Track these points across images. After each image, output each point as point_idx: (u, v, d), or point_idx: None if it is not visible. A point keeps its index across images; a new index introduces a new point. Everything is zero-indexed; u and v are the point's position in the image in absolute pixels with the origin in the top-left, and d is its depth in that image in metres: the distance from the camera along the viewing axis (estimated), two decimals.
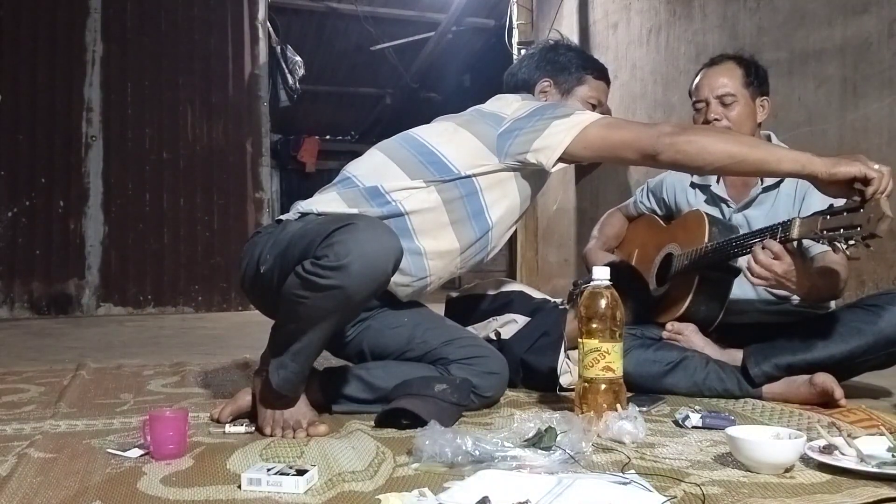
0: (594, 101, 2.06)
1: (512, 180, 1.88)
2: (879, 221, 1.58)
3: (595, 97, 2.07)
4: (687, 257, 2.12)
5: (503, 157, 1.84)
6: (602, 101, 2.08)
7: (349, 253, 1.48)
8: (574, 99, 2.05)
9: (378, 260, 1.52)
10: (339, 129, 10.22)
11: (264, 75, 6.01)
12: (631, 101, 4.88)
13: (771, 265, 1.78)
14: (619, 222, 2.55)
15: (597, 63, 2.13)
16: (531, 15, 6.07)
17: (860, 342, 1.89)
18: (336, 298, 1.51)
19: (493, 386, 1.87)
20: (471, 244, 1.90)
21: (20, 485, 1.27)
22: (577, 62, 2.08)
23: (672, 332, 2.10)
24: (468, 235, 1.88)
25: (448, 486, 1.21)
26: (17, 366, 2.85)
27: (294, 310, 1.56)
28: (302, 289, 1.52)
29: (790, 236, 1.79)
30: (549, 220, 5.88)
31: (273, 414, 1.65)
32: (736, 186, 2.20)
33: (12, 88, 5.34)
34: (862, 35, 3.18)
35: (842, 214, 1.66)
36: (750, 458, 1.31)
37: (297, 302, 1.54)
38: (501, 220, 1.91)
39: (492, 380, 1.87)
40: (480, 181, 1.85)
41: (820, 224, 1.70)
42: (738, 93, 2.11)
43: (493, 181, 1.86)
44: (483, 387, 1.84)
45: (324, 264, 1.49)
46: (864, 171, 1.56)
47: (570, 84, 2.06)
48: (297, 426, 1.62)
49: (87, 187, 5.49)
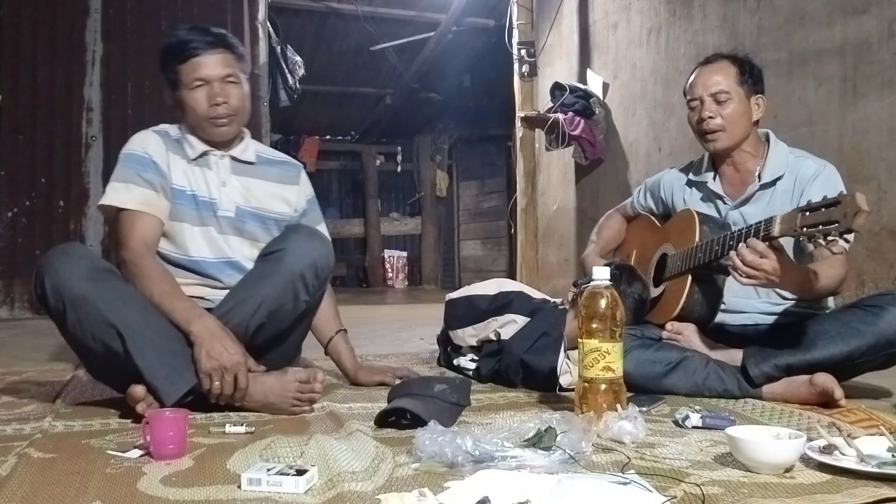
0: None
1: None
2: (856, 216, 1.59)
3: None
4: (679, 257, 2.13)
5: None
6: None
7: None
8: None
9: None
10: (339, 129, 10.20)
11: (264, 75, 6.00)
12: (631, 101, 4.88)
13: (759, 264, 1.78)
14: (617, 224, 2.55)
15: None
16: (531, 15, 6.07)
17: (860, 342, 1.89)
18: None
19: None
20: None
21: (20, 485, 1.27)
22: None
23: (672, 332, 2.10)
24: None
25: (448, 486, 1.21)
26: (17, 366, 2.84)
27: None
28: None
29: (772, 234, 1.79)
30: (549, 220, 5.88)
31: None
32: (733, 184, 2.20)
33: (12, 88, 5.33)
34: (862, 35, 3.18)
35: (820, 210, 1.67)
36: (750, 458, 1.31)
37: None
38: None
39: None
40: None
41: (799, 220, 1.71)
42: (733, 90, 2.11)
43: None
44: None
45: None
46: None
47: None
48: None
49: (87, 187, 5.49)
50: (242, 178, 2.10)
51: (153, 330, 1.79)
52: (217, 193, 2.05)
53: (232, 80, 2.02)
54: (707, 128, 2.12)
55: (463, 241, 9.69)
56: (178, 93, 2.02)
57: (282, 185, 2.17)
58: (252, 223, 2.09)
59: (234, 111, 2.02)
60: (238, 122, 2.06)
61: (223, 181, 2.07)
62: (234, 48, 2.05)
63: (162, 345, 1.78)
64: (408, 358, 2.91)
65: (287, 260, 1.95)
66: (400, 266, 10.12)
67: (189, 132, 2.07)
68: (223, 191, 2.06)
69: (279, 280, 1.93)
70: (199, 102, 2.00)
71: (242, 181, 2.10)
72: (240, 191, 2.09)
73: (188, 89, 2.00)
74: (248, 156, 2.13)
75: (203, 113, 2.00)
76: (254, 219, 2.09)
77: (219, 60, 2.00)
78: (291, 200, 2.19)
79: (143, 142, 2.03)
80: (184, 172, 2.04)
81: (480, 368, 2.35)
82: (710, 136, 2.13)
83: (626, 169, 4.94)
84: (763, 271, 1.78)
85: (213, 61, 2.00)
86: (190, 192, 2.03)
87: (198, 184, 2.05)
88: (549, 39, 5.83)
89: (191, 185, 2.04)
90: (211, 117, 2.01)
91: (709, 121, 2.11)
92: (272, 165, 2.19)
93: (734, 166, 2.19)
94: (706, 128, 2.13)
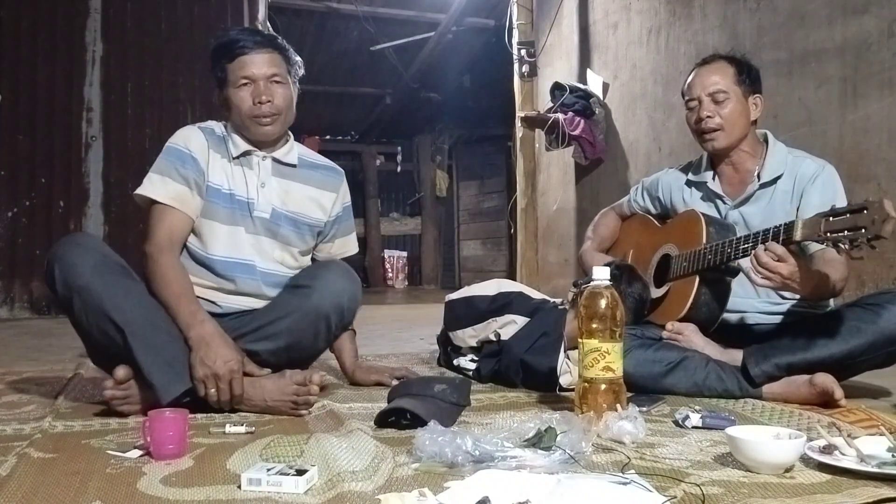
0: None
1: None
2: (885, 223, 1.58)
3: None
4: (686, 258, 2.12)
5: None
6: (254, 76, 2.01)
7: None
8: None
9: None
10: (339, 129, 10.21)
11: None
12: (631, 101, 4.88)
13: (776, 267, 1.78)
14: (612, 222, 2.55)
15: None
16: (531, 15, 6.07)
17: (860, 341, 1.89)
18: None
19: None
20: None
21: (20, 485, 1.27)
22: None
23: (672, 331, 2.10)
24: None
25: (448, 486, 1.21)
26: (17, 366, 2.85)
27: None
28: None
29: (793, 238, 1.78)
30: (549, 220, 5.88)
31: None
32: (732, 184, 2.21)
33: (12, 88, 5.34)
34: (862, 35, 3.18)
35: (845, 216, 1.66)
36: (750, 458, 1.31)
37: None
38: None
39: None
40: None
41: (823, 226, 1.70)
42: (730, 90, 2.11)
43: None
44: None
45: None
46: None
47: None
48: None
49: (87, 187, 5.49)
50: (283, 181, 2.10)
51: (155, 328, 1.80)
52: (255, 194, 2.04)
53: (278, 80, 2.02)
54: (705, 127, 2.13)
55: (463, 241, 9.69)
56: (225, 91, 2.03)
57: (321, 190, 2.17)
58: (286, 227, 2.08)
59: (277, 111, 2.02)
60: (282, 122, 2.05)
61: (262, 182, 2.06)
62: (283, 50, 2.07)
63: (162, 344, 1.79)
64: (408, 358, 2.91)
65: (314, 299, 1.96)
66: (400, 266, 10.12)
67: (234, 131, 2.07)
68: (261, 191, 2.05)
69: (303, 318, 1.96)
70: (244, 100, 2.00)
71: (282, 183, 2.09)
72: (278, 193, 2.08)
73: (234, 87, 2.00)
74: (291, 158, 2.12)
75: (247, 111, 2.00)
76: (288, 222, 2.09)
77: (266, 60, 2.01)
78: (327, 207, 2.18)
79: (187, 137, 2.03)
80: (223, 170, 2.03)
81: (480, 369, 2.35)
82: (709, 136, 2.14)
83: (626, 169, 4.94)
84: (780, 275, 1.78)
85: (260, 60, 2.00)
86: (227, 190, 2.03)
87: (236, 183, 2.04)
88: (549, 39, 5.83)
89: (229, 184, 2.03)
90: (255, 116, 2.00)
91: (707, 120, 2.12)
92: (314, 170, 2.18)
93: (733, 166, 2.19)
94: (704, 127, 2.13)
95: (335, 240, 2.26)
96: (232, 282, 2.01)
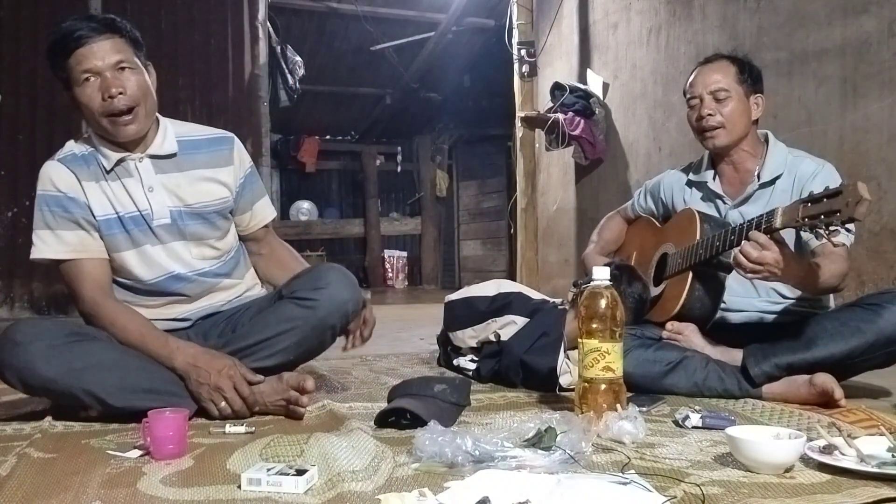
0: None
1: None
2: (858, 205, 1.60)
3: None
4: (680, 255, 2.13)
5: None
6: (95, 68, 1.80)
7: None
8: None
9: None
10: (338, 129, 10.19)
11: (264, 75, 6.00)
12: (631, 101, 4.88)
13: (761, 257, 1.78)
14: (617, 226, 2.56)
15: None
16: (531, 15, 6.06)
17: (860, 341, 1.89)
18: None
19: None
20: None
21: (20, 485, 1.27)
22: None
23: (672, 331, 2.10)
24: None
25: (448, 486, 1.21)
26: None
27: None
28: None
29: (773, 226, 1.79)
30: (549, 220, 5.88)
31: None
32: (733, 183, 2.21)
33: (12, 88, 5.33)
34: (862, 35, 3.18)
35: (822, 201, 1.67)
36: (750, 458, 1.31)
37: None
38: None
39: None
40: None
41: (801, 211, 1.72)
42: (732, 88, 2.12)
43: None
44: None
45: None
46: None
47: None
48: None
49: None
50: (170, 177, 1.91)
51: (139, 371, 1.76)
52: (146, 203, 1.88)
53: (126, 67, 1.81)
54: (706, 125, 2.13)
55: (463, 241, 9.68)
56: (71, 93, 1.82)
57: (214, 168, 1.97)
58: (193, 223, 1.94)
59: (133, 101, 1.81)
60: (144, 114, 1.84)
61: (149, 187, 1.89)
62: (124, 31, 1.84)
63: (145, 390, 1.74)
64: (408, 358, 2.91)
65: (321, 312, 1.91)
66: (400, 266, 10.11)
67: (98, 142, 1.88)
68: (151, 197, 1.88)
69: (310, 332, 1.91)
70: (93, 98, 1.79)
71: (170, 179, 1.91)
72: (169, 192, 1.91)
73: (78, 85, 1.79)
74: (169, 147, 1.92)
75: (99, 109, 1.80)
76: (193, 218, 1.93)
77: (107, 47, 1.79)
78: (228, 181, 1.99)
79: (52, 178, 1.85)
80: (103, 194, 1.87)
81: (480, 369, 2.35)
82: (710, 134, 2.14)
83: (626, 169, 4.93)
84: (765, 264, 1.78)
85: (100, 49, 1.78)
86: (114, 215, 1.87)
87: (121, 201, 1.88)
88: (549, 39, 5.83)
89: (114, 207, 1.87)
90: (109, 113, 1.79)
91: (708, 118, 2.12)
92: (198, 149, 1.97)
93: (733, 166, 2.19)
94: (705, 125, 2.14)
95: (252, 207, 2.08)
96: (176, 295, 1.94)
